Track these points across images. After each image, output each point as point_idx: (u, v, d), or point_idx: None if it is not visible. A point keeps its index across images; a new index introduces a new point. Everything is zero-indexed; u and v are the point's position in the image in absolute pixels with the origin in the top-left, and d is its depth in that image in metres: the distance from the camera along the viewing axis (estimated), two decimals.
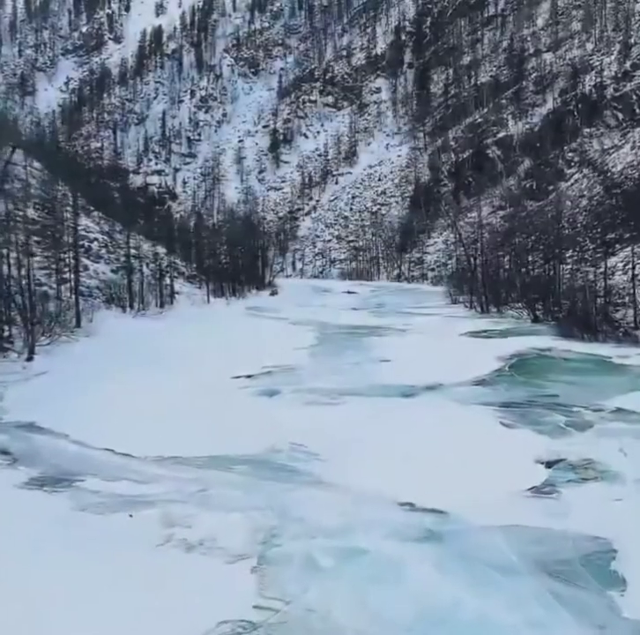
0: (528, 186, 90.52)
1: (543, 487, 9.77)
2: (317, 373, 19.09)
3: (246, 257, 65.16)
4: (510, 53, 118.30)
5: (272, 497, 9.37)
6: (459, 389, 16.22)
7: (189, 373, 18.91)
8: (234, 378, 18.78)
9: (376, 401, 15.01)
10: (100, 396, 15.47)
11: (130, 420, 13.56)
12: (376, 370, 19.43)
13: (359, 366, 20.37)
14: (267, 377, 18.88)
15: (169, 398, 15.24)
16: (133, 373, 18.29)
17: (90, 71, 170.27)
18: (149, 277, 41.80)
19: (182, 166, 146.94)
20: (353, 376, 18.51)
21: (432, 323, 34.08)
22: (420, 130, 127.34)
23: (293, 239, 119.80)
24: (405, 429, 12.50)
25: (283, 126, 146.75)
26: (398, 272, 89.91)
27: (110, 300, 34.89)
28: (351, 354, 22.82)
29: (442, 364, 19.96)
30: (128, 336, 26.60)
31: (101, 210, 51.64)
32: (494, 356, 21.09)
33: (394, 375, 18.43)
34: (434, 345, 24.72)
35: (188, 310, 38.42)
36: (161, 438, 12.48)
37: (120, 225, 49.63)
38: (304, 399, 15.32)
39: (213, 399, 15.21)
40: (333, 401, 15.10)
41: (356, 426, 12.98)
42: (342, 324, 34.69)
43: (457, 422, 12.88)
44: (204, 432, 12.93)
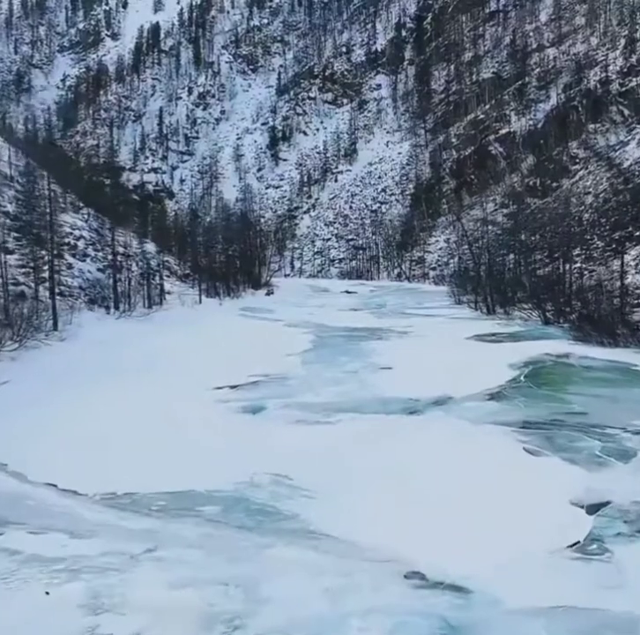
0: (532, 183, 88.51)
1: (588, 543, 7.67)
2: (310, 384, 17.01)
3: (242, 255, 63.14)
4: (513, 48, 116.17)
5: (241, 562, 7.28)
6: (470, 404, 14.11)
7: (165, 384, 16.88)
8: (216, 389, 16.73)
9: (376, 420, 12.91)
10: (56, 415, 13.40)
11: (84, 445, 11.53)
12: (376, 380, 17.35)
13: (356, 375, 18.29)
14: (253, 388, 16.80)
15: (135, 417, 13.21)
16: (101, 385, 16.26)
17: (87, 68, 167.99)
18: (138, 276, 39.82)
19: (179, 164, 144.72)
20: (349, 387, 16.42)
21: (435, 325, 32.05)
22: (421, 126, 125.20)
23: (291, 238, 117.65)
24: (410, 459, 10.43)
25: (282, 123, 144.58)
26: (399, 272, 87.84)
27: (94, 300, 32.83)
28: (348, 361, 20.75)
29: (449, 373, 17.90)
30: (107, 340, 24.54)
31: (92, 207, 49.71)
32: (506, 364, 19.01)
33: (396, 386, 16.35)
34: (438, 350, 22.64)
35: (177, 311, 36.35)
36: (119, 468, 10.46)
37: (110, 222, 47.69)
38: (293, 416, 13.23)
39: (187, 418, 13.14)
40: (326, 420, 13.02)
41: (352, 453, 10.92)
42: (340, 326, 32.66)
43: (472, 449, 10.78)
44: (171, 460, 10.88)
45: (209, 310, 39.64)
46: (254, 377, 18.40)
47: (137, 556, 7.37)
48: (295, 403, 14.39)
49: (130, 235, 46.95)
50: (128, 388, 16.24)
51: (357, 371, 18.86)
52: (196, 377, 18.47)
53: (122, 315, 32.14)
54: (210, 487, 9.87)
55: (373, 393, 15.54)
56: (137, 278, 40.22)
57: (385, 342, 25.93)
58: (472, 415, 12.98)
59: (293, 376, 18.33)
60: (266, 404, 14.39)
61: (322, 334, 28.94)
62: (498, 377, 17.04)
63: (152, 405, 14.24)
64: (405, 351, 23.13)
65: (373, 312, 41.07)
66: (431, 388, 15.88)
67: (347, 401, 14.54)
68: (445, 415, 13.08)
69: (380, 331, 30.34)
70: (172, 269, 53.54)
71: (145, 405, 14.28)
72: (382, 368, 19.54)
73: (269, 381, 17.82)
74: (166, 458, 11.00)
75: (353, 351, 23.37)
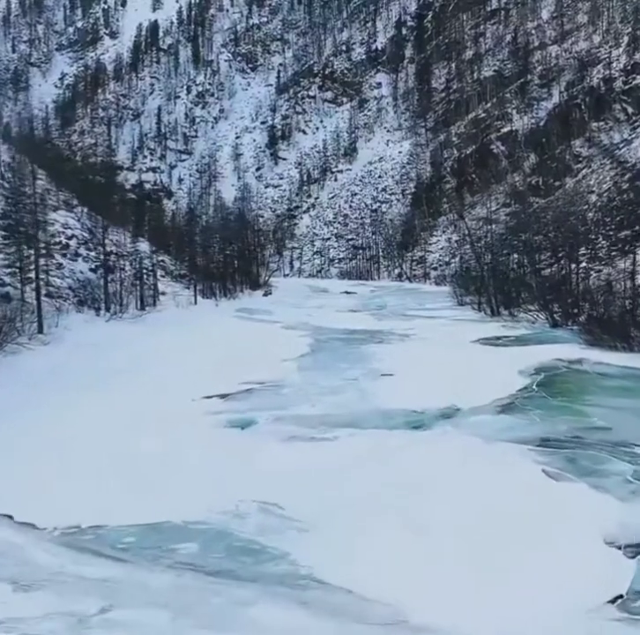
0: (534, 182, 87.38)
1: (634, 598, 6.41)
2: (306, 392, 15.79)
3: (240, 255, 61.92)
4: (515, 46, 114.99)
5: (212, 629, 6.00)
6: (480, 417, 12.86)
7: (150, 393, 15.68)
8: (205, 399, 15.51)
9: (378, 436, 11.67)
10: (25, 430, 12.17)
11: (52, 466, 10.31)
12: (377, 389, 16.13)
13: (356, 383, 17.06)
14: (245, 397, 15.58)
15: (112, 432, 11.98)
16: (79, 395, 15.05)
17: (85, 67, 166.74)
18: (132, 277, 38.58)
19: (177, 163, 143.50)
20: (348, 397, 15.19)
21: (438, 327, 30.83)
22: (422, 125, 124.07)
23: (290, 237, 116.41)
24: (418, 485, 9.19)
25: (281, 122, 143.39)
26: (400, 272, 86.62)
27: (83, 302, 31.60)
28: (347, 367, 19.53)
29: (455, 381, 16.69)
30: (94, 344, 23.32)
31: (87, 206, 48.58)
32: (515, 370, 17.78)
33: (398, 395, 15.13)
34: (442, 355, 21.43)
35: (171, 313, 35.13)
36: (88, 494, 9.24)
37: (103, 221, 46.53)
38: (286, 432, 11.98)
39: (167, 433, 11.90)
40: (322, 436, 11.77)
41: (352, 476, 9.68)
42: (339, 328, 31.46)
43: (486, 473, 9.52)
44: (148, 483, 9.66)
45: (204, 311, 38.41)
46: (247, 384, 17.19)
47: (88, 618, 6.03)
48: (289, 416, 13.14)
49: (125, 235, 45.78)
50: (108, 398, 15.02)
51: (356, 379, 17.63)
52: (185, 384, 17.26)
53: (113, 317, 30.91)
54: (189, 517, 8.65)
55: (374, 404, 14.30)
56: (131, 278, 38.99)
57: (386, 346, 24.72)
58: (483, 431, 11.72)
59: (288, 383, 17.11)
60: (257, 417, 13.13)
61: (320, 337, 27.74)
62: (508, 386, 15.81)
63: (132, 418, 13.01)
64: (407, 356, 21.91)
65: (373, 314, 39.87)
66: (436, 398, 14.66)
67: (346, 414, 13.30)
68: (454, 431, 11.82)
69: (380, 333, 29.15)
70: (167, 269, 52.35)
71: (124, 418, 13.05)
72: (383, 374, 18.33)
73: (262, 389, 16.60)
74: (143, 481, 9.78)
75: (353, 356, 22.16)
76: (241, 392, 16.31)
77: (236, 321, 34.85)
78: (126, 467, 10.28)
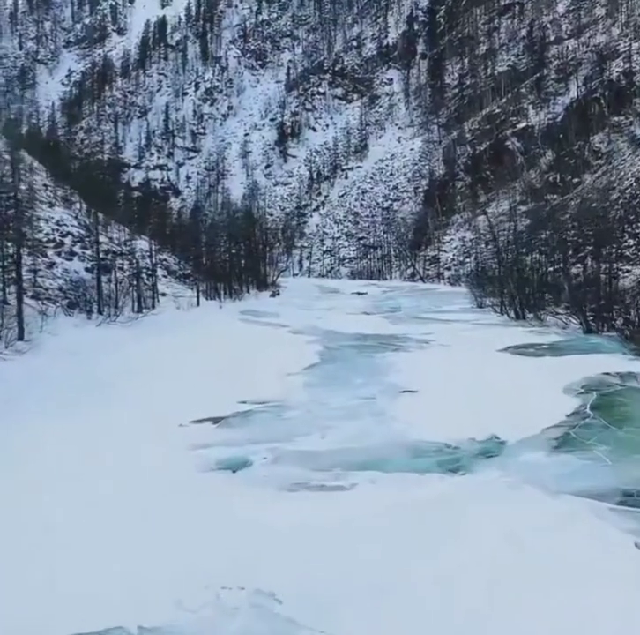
0: (551, 179, 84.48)
1: None
2: (315, 417, 13.23)
3: (247, 254, 59.48)
4: (530, 41, 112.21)
5: None
6: (532, 456, 10.20)
7: (130, 416, 13.18)
8: (194, 423, 12.98)
9: (405, 484, 9.06)
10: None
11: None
12: (398, 411, 13.55)
13: (373, 403, 14.49)
14: (242, 423, 13.02)
15: (65, 477, 9.45)
16: (44, 422, 12.53)
17: (92, 64, 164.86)
18: (131, 276, 36.11)
19: (185, 160, 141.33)
20: (366, 423, 12.60)
21: (459, 332, 28.24)
22: (434, 122, 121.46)
23: (300, 236, 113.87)
24: (468, 570, 6.63)
25: (291, 119, 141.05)
26: (413, 272, 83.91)
27: (74, 304, 29.16)
28: (362, 382, 16.97)
29: (490, 401, 14.13)
30: (79, 351, 20.83)
31: (90, 203, 46.49)
32: (559, 387, 15.17)
33: (424, 420, 12.55)
34: (469, 367, 18.86)
35: (170, 315, 32.63)
36: (15, 588, 6.72)
37: (104, 217, 44.28)
38: (288, 477, 9.37)
39: (138, 482, 9.34)
40: (335, 483, 9.18)
41: (375, 553, 7.13)
42: (351, 332, 28.95)
43: (560, 552, 6.86)
44: (98, 566, 7.12)
45: (206, 313, 35.93)
46: (245, 404, 14.68)
47: None
48: (293, 452, 10.55)
49: (125, 232, 43.38)
50: (78, 423, 12.51)
51: (374, 397, 15.05)
52: (175, 402, 14.77)
53: (106, 320, 28.44)
54: (150, 620, 6.13)
55: (396, 433, 11.71)
56: (130, 278, 36.54)
57: (404, 355, 22.15)
58: (539, 478, 9.08)
59: (293, 403, 14.56)
60: (254, 453, 10.51)
61: (330, 344, 25.21)
62: (556, 408, 13.19)
63: (97, 457, 10.47)
64: (430, 367, 19.34)
65: (387, 316, 37.31)
66: (471, 425, 12.08)
67: (364, 449, 10.71)
68: (502, 478, 9.20)
69: (396, 339, 26.60)
70: (170, 268, 50.02)
71: (87, 456, 10.51)
72: (403, 391, 15.76)
73: (263, 411, 14.05)
74: (92, 562, 7.24)
75: (367, 366, 19.60)
76: (238, 414, 13.78)
77: (240, 324, 32.34)
78: (76, 536, 7.74)
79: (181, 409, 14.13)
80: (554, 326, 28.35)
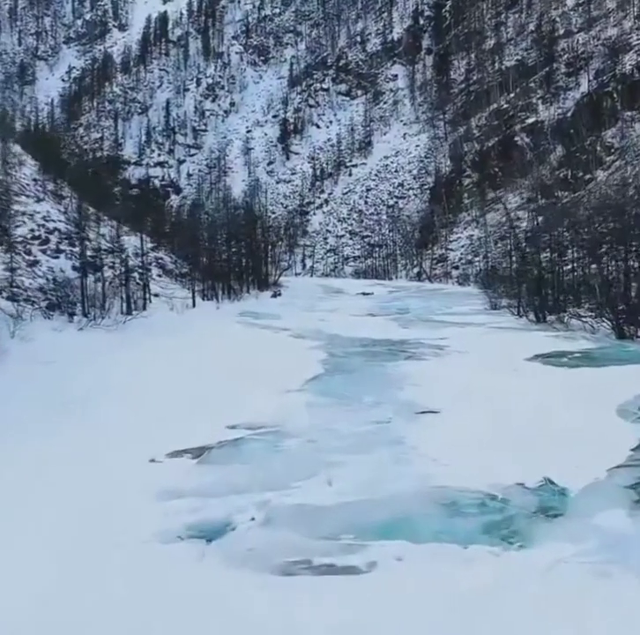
0: (562, 175, 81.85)
1: None
2: (318, 447, 10.71)
3: (248, 252, 57.01)
4: (539, 35, 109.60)
5: None
6: (609, 516, 7.50)
7: (95, 447, 10.68)
8: (169, 458, 10.50)
9: (441, 561, 6.46)
10: None
11: None
12: (420, 440, 11.03)
13: (388, 428, 11.96)
14: (226, 458, 10.49)
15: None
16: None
17: (93, 60, 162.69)
18: (122, 276, 33.61)
19: (186, 157, 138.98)
20: (381, 458, 10.06)
21: (476, 337, 25.71)
22: (440, 118, 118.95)
23: (302, 234, 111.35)
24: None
25: (293, 116, 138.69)
26: (419, 271, 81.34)
27: (55, 306, 26.69)
28: (374, 399, 14.44)
29: (530, 425, 11.63)
30: (49, 362, 18.33)
31: (84, 199, 44.27)
32: (611, 408, 12.61)
33: (455, 455, 10.02)
34: (495, 379, 16.32)
35: (162, 318, 30.10)
36: None
37: (97, 212, 41.92)
38: (281, 551, 6.69)
39: (63, 560, 6.75)
40: (344, 561, 6.56)
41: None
42: (357, 336, 26.47)
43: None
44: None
45: (201, 315, 33.42)
46: (235, 429, 12.18)
47: None
48: (291, 507, 7.96)
49: (118, 229, 40.89)
50: (29, 460, 10.03)
51: (389, 420, 12.51)
52: (150, 427, 12.28)
53: (89, 323, 25.95)
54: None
55: (422, 476, 9.16)
56: (120, 278, 34.06)
57: (418, 364, 19.63)
58: (632, 556, 6.58)
59: (293, 429, 12.04)
60: (238, 510, 7.87)
61: (335, 350, 22.72)
62: (616, 438, 10.63)
63: (21, 515, 7.97)
64: (449, 379, 16.80)
65: (395, 319, 34.78)
66: (514, 461, 9.55)
67: (383, 501, 8.15)
68: (578, 556, 6.63)
69: (407, 345, 24.10)
70: (166, 267, 47.58)
71: (29, 515, 8.00)
72: (423, 412, 13.25)
73: (255, 439, 11.54)
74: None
75: (378, 379, 17.10)
76: (225, 443, 11.27)
77: (237, 328, 29.81)
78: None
79: (158, 436, 11.65)
80: (580, 331, 25.79)
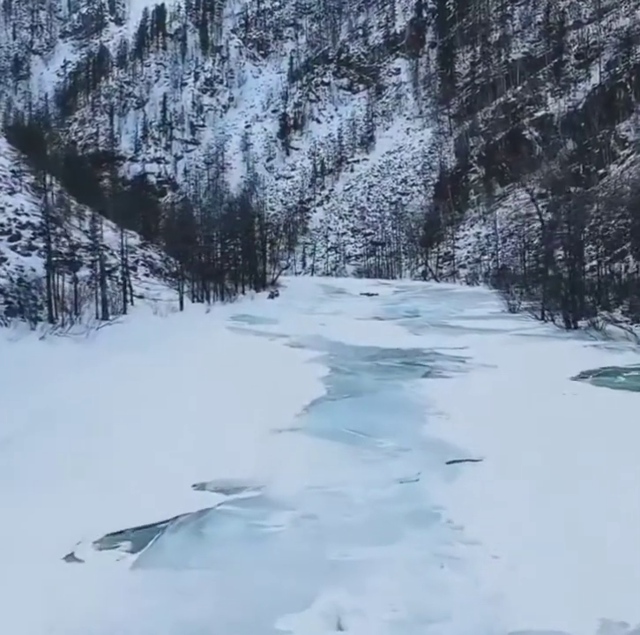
0: (574, 170, 78.25)
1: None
2: (319, 534, 7.26)
3: (244, 251, 53.46)
4: (546, 27, 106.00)
5: None
6: None
7: None
8: (95, 549, 7.04)
9: None
10: None
11: None
12: (465, 515, 7.57)
13: (417, 493, 8.49)
14: (177, 559, 6.96)
15: None
16: None
17: (89, 54, 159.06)
18: (96, 275, 30.11)
19: (183, 153, 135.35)
20: (413, 557, 6.61)
21: (502, 348, 22.17)
22: (445, 112, 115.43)
23: (303, 232, 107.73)
24: None
25: (294, 110, 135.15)
26: (424, 270, 77.76)
27: (16, 310, 23.21)
28: (391, 441, 10.95)
29: (617, 487, 8.18)
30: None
31: (71, 194, 41.07)
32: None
33: (521, 545, 6.60)
34: (544, 406, 12.86)
35: (141, 323, 26.60)
36: None
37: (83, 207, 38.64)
38: None
39: None
40: None
41: None
42: (364, 346, 23.04)
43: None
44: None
45: (188, 319, 29.92)
46: (203, 490, 8.73)
47: None
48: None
49: (100, 223, 37.38)
50: None
51: (417, 478, 9.04)
52: (93, 484, 8.81)
53: (55, 331, 22.45)
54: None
55: (487, 599, 5.75)
56: (97, 277, 30.54)
57: (440, 383, 16.17)
58: None
59: (282, 493, 8.55)
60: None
61: (339, 363, 19.27)
62: None
63: None
64: (483, 405, 13.31)
65: (404, 323, 31.26)
66: (630, 566, 6.13)
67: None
68: None
69: (423, 356, 20.65)
70: (155, 266, 44.15)
71: None
72: (459, 461, 9.77)
73: (228, 513, 8.04)
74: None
75: (395, 406, 13.62)
76: (183, 521, 7.78)
77: (226, 335, 26.26)
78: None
79: (95, 505, 8.18)
80: (621, 339, 22.29)
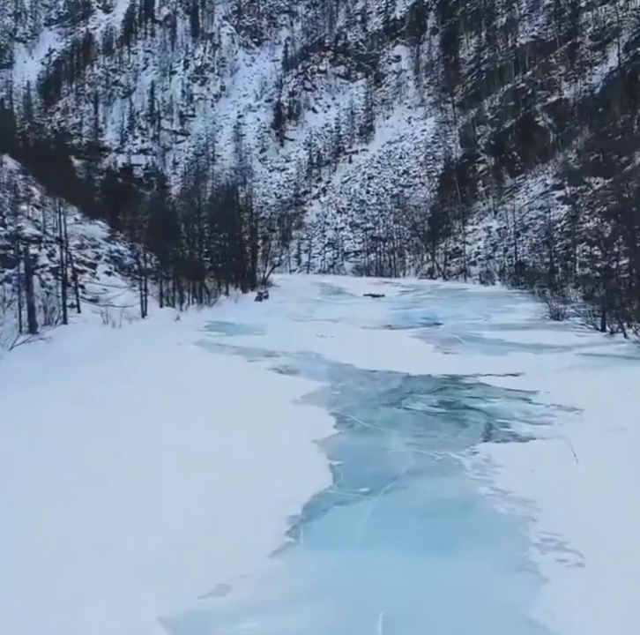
0: (592, 159, 71.72)
1: None
2: None
3: (231, 246, 47.07)
4: (557, 8, 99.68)
5: None
6: None
7: None
8: None
9: None
10: None
11: None
12: None
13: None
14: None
15: None
16: None
17: (74, 42, 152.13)
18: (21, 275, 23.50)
19: (172, 144, 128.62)
20: None
21: (569, 373, 15.73)
22: (449, 101, 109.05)
23: (298, 227, 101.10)
24: None
25: (288, 99, 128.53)
26: (430, 268, 71.20)
27: None
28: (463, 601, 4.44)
29: None
30: None
31: None
32: None
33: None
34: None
35: (82, 338, 19.97)
36: None
37: None
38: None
39: None
40: None
41: None
42: (379, 370, 16.67)
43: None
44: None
45: (148, 331, 23.28)
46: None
47: None
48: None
49: (56, 211, 30.75)
50: None
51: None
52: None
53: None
54: None
55: None
56: (21, 278, 23.86)
57: (506, 448, 9.71)
58: None
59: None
60: None
61: (347, 408, 12.83)
62: None
63: None
64: (585, 497, 6.73)
65: (425, 335, 24.58)
66: None
67: None
68: None
69: (466, 390, 14.33)
70: (122, 263, 37.51)
71: None
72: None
73: None
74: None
75: (459, 526, 7.07)
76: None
77: (192, 354, 19.58)
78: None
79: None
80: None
